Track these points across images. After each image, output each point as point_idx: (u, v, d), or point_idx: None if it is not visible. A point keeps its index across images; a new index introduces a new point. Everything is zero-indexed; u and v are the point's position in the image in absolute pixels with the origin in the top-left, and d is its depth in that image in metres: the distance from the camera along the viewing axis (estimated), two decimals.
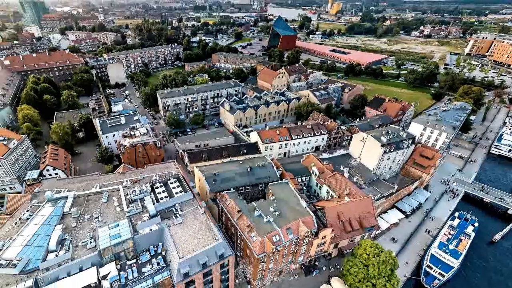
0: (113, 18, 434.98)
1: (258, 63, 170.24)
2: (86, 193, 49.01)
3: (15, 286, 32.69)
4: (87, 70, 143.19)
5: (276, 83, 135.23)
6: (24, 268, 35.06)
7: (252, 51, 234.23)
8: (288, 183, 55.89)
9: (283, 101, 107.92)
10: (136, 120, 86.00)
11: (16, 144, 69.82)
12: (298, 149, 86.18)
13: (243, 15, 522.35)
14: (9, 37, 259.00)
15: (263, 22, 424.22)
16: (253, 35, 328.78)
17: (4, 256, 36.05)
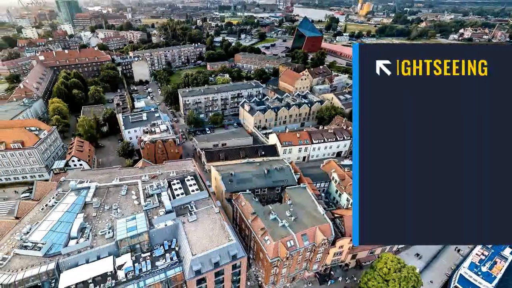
0: (140, 17, 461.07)
1: (280, 64, 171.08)
2: (106, 185, 52.35)
3: (39, 268, 35.59)
4: (114, 67, 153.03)
5: (299, 85, 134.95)
6: (48, 251, 38.13)
7: (275, 52, 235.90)
8: (306, 188, 55.50)
9: (305, 103, 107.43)
10: (157, 117, 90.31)
11: (46, 134, 76.51)
12: (318, 154, 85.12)
13: (267, 15, 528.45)
14: (45, 34, 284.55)
15: (288, 22, 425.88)
16: (277, 36, 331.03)
17: (31, 239, 39.49)
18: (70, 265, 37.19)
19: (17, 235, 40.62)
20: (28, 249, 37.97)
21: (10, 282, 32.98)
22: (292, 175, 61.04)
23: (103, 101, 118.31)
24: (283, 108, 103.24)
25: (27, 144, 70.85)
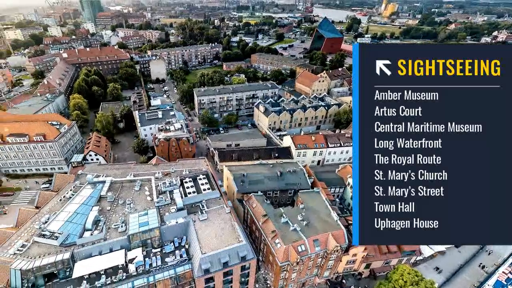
0: (159, 17, 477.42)
1: (298, 65, 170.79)
2: (121, 180, 54.59)
3: (55, 256, 37.68)
4: (132, 65, 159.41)
5: (316, 87, 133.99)
6: (64, 241, 40.28)
7: (293, 53, 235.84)
8: (319, 193, 54.96)
9: (321, 106, 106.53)
10: (172, 115, 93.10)
11: (66, 129, 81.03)
12: (334, 158, 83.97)
13: (286, 15, 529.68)
14: (69, 33, 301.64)
15: (307, 23, 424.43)
16: (295, 37, 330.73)
17: (49, 228, 41.90)
18: (84, 256, 39.07)
19: (36, 224, 43.31)
20: (46, 237, 40.34)
21: (28, 268, 35.18)
22: (306, 179, 60.69)
23: (121, 98, 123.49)
24: (299, 110, 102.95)
25: (48, 137, 75.41)
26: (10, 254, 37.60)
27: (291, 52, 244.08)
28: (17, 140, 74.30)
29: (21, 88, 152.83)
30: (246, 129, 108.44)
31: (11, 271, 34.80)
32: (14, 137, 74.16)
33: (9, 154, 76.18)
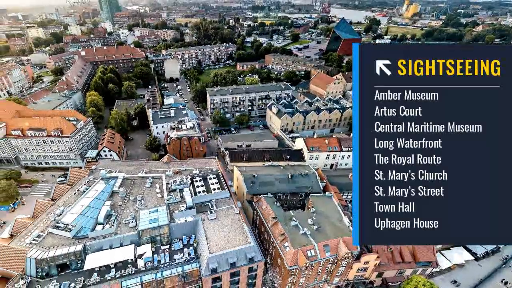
0: (175, 16, 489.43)
1: (313, 67, 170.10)
2: (133, 177, 56.42)
3: (68, 248, 39.46)
4: (147, 64, 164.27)
5: (331, 89, 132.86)
6: (77, 233, 42.15)
7: (308, 54, 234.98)
8: (331, 197, 54.49)
9: (336, 109, 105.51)
10: (184, 114, 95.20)
11: (82, 125, 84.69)
12: (347, 163, 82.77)
13: (302, 16, 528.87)
14: (87, 31, 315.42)
15: (323, 24, 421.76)
16: (311, 38, 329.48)
17: (63, 220, 43.94)
18: (95, 249, 40.68)
19: (51, 215, 45.57)
20: (60, 229, 42.34)
21: (43, 257, 37.07)
22: (318, 182, 60.34)
23: (135, 96, 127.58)
24: (313, 112, 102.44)
25: (65, 133, 79.11)
26: (27, 243, 39.82)
27: (306, 53, 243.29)
28: (36, 134, 78.50)
29: (41, 84, 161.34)
30: (258, 130, 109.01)
31: (27, 260, 36.80)
32: (33, 131, 78.42)
33: (28, 148, 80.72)
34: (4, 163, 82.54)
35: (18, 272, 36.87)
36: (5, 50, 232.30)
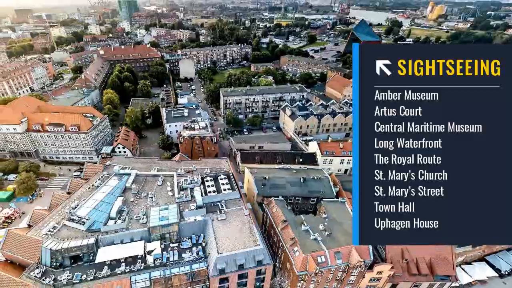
0: (191, 17, 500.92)
1: (329, 69, 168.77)
2: (145, 174, 58.20)
3: (81, 240, 41.23)
4: (162, 64, 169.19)
5: (348, 92, 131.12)
6: (90, 227, 43.95)
7: (325, 56, 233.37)
8: (345, 203, 53.70)
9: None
10: (197, 114, 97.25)
11: (98, 121, 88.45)
12: None
13: (320, 17, 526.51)
14: (106, 31, 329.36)
15: (342, 25, 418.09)
16: (328, 39, 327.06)
17: (77, 214, 45.98)
18: (107, 243, 42.27)
19: (66, 208, 47.80)
20: (74, 222, 44.33)
21: (57, 248, 38.98)
22: (331, 187, 59.71)
23: (150, 95, 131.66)
24: (328, 116, 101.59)
25: (82, 129, 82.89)
26: (43, 234, 41.98)
27: (323, 55, 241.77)
28: (55, 129, 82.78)
29: (62, 81, 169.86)
30: (270, 132, 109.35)
31: (42, 250, 38.83)
32: (52, 126, 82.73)
33: (47, 142, 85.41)
34: (24, 156, 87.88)
35: (34, 261, 38.96)
36: (29, 48, 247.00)
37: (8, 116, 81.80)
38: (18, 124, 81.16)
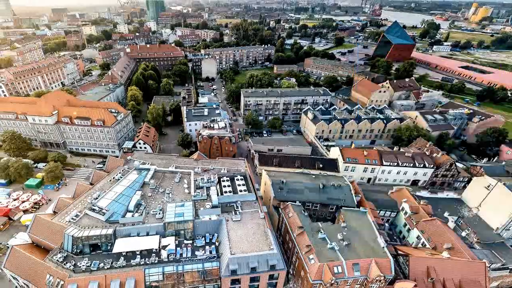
0: (216, 17, 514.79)
1: (356, 72, 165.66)
2: (164, 170, 60.64)
3: (101, 230, 43.83)
4: (185, 63, 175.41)
5: (375, 97, 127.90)
6: (109, 218, 46.57)
7: (352, 59, 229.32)
8: (366, 214, 52.44)
9: (379, 119, 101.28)
10: (217, 114, 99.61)
11: (122, 117, 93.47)
12: (387, 178, 78.86)
13: (349, 18, 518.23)
14: (133, 30, 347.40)
15: (372, 27, 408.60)
16: (357, 42, 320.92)
17: (98, 204, 48.89)
18: (124, 234, 44.56)
19: (89, 198, 51.09)
20: (95, 212, 47.23)
21: (78, 236, 41.76)
22: (352, 196, 58.51)
23: (172, 93, 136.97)
24: (352, 121, 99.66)
25: (106, 123, 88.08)
26: (66, 221, 45.20)
27: (350, 58, 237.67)
28: (82, 122, 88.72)
29: (90, 77, 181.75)
30: (290, 135, 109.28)
31: (65, 236, 41.82)
32: (80, 119, 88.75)
33: (74, 134, 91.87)
34: (53, 147, 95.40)
35: (57, 246, 42.06)
36: (63, 45, 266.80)
37: (41, 109, 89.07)
38: (50, 116, 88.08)
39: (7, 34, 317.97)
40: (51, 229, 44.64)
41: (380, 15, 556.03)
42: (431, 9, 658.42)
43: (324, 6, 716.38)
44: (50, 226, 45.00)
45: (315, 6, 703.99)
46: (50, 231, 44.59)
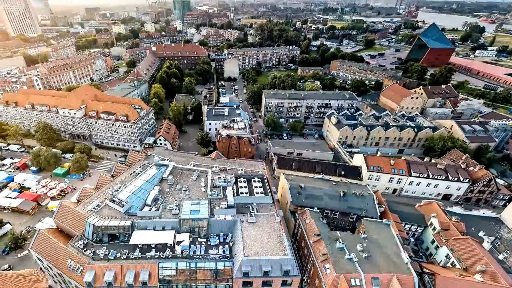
0: (241, 17, 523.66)
1: (387, 77, 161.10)
2: (182, 167, 62.81)
3: (119, 221, 46.36)
4: (208, 62, 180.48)
5: (406, 104, 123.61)
6: (128, 210, 49.09)
7: (383, 63, 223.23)
8: (390, 226, 50.93)
9: (410, 127, 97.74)
10: (237, 114, 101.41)
11: (145, 113, 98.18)
12: (415, 190, 75.86)
13: (381, 20, 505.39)
14: (160, 29, 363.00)
15: (407, 29, 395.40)
16: (388, 44, 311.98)
17: (118, 196, 51.73)
18: (141, 227, 46.81)
19: (110, 190, 54.20)
20: (115, 203, 50.03)
21: (99, 225, 44.53)
22: (375, 207, 57.05)
23: (194, 92, 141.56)
24: (379, 128, 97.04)
25: (130, 119, 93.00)
26: (88, 210, 48.36)
27: (380, 61, 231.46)
28: (107, 117, 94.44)
29: (117, 74, 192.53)
30: (312, 139, 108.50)
31: (86, 224, 44.78)
32: (105, 114, 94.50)
33: (100, 128, 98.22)
34: (80, 139, 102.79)
35: (78, 233, 45.15)
36: (93, 42, 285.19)
37: (71, 102, 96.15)
38: (78, 109, 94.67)
39: (44, 31, 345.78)
40: (74, 217, 48.03)
41: (416, 17, 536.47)
42: (475, 11, 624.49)
43: (355, 7, 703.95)
44: (73, 214, 48.45)
45: (344, 6, 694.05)
46: (73, 218, 47.98)
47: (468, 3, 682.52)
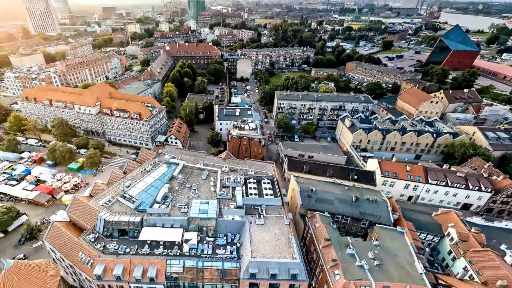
0: (255, 17, 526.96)
1: (405, 80, 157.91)
2: (192, 166, 63.95)
3: (129, 217, 47.71)
4: (221, 62, 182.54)
5: (425, 108, 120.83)
6: (138, 206, 50.46)
7: (401, 65, 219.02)
8: (404, 234, 49.97)
9: (428, 132, 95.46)
10: (249, 115, 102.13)
11: (157, 112, 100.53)
12: (432, 198, 73.97)
13: (401, 21, 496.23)
14: (174, 28, 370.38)
15: (428, 31, 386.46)
16: (408, 46, 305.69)
17: (129, 192, 53.26)
18: (150, 224, 48.01)
19: (121, 186, 55.87)
20: (126, 199, 51.54)
21: (110, 220, 46.02)
22: (388, 213, 56.14)
23: (206, 91, 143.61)
24: (395, 132, 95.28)
25: (142, 117, 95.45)
26: (100, 204, 50.06)
27: (398, 63, 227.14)
28: (121, 114, 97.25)
29: (131, 72, 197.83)
30: (324, 142, 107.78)
31: (98, 218, 46.38)
32: (119, 111, 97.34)
33: (113, 125, 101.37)
34: (94, 135, 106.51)
35: (90, 227, 46.80)
36: (109, 41, 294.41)
37: (87, 99, 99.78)
38: (93, 106, 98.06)
39: (63, 30, 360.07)
40: (86, 211, 49.86)
41: (439, 18, 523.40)
42: (503, 12, 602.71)
43: (373, 8, 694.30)
44: (86, 208, 50.31)
45: (362, 7, 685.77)
46: (85, 212, 49.81)
47: (496, 4, 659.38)
